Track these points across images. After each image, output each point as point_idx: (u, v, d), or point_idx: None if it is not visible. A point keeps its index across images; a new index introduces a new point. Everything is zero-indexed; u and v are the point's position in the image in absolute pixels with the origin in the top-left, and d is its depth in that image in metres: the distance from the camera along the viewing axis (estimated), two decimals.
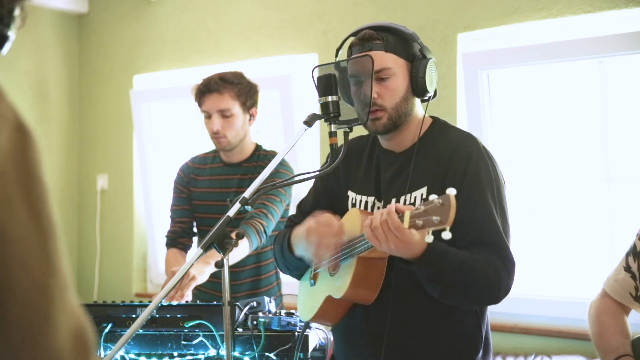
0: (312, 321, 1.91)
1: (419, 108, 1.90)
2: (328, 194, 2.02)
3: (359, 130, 1.90)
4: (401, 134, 1.87)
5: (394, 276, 1.78)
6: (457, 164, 1.78)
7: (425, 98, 1.87)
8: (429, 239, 1.50)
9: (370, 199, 1.89)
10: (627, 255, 1.87)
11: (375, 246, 1.64)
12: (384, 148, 1.93)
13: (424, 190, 1.79)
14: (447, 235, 1.45)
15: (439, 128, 1.90)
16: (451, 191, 1.47)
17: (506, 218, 1.79)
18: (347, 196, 1.95)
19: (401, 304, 1.80)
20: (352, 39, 1.88)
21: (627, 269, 1.84)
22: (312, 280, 1.93)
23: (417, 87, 1.82)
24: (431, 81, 1.83)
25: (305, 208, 2.06)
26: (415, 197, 1.80)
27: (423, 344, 1.81)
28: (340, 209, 1.95)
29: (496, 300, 1.76)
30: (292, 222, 2.07)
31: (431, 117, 1.93)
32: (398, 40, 1.82)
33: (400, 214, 1.57)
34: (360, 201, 1.92)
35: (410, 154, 1.85)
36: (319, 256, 1.81)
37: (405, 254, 1.65)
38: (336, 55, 1.91)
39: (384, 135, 1.89)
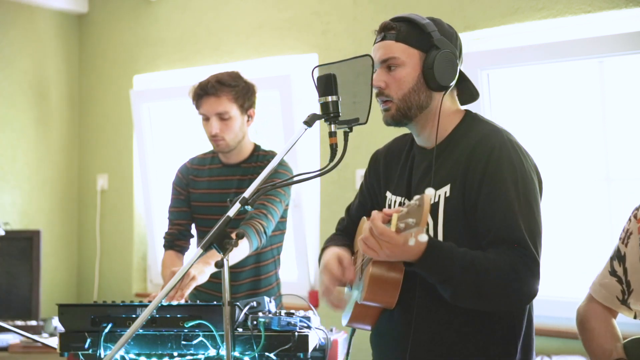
0: (349, 325, 1.88)
1: (449, 103, 1.83)
2: (370, 196, 1.99)
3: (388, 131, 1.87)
4: (426, 129, 1.82)
5: (418, 280, 1.71)
6: (478, 159, 1.71)
7: (447, 90, 1.79)
8: (412, 242, 1.44)
9: (403, 199, 1.84)
10: (612, 259, 1.87)
11: (372, 257, 1.61)
12: (418, 145, 1.88)
13: (447, 188, 1.73)
14: (423, 237, 1.40)
15: (469, 122, 1.83)
16: (429, 191, 1.44)
17: (532, 213, 1.68)
18: (385, 197, 1.91)
19: (425, 308, 1.74)
20: None
21: (613, 273, 1.84)
22: (349, 286, 1.91)
23: (428, 79, 1.76)
24: (443, 73, 1.76)
25: (352, 211, 2.05)
26: (439, 196, 1.74)
27: (448, 349, 1.74)
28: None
29: (518, 302, 1.68)
30: (340, 225, 2.07)
31: (465, 110, 1.87)
32: (411, 31, 1.78)
33: (389, 217, 1.55)
34: (395, 202, 1.87)
35: (438, 150, 1.79)
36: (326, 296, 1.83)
37: (404, 257, 1.61)
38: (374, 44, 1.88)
39: (409, 128, 1.85)
